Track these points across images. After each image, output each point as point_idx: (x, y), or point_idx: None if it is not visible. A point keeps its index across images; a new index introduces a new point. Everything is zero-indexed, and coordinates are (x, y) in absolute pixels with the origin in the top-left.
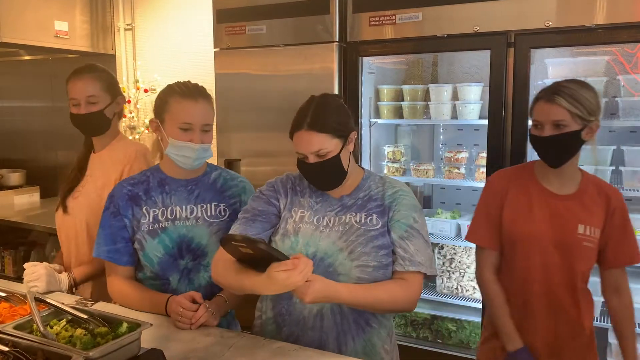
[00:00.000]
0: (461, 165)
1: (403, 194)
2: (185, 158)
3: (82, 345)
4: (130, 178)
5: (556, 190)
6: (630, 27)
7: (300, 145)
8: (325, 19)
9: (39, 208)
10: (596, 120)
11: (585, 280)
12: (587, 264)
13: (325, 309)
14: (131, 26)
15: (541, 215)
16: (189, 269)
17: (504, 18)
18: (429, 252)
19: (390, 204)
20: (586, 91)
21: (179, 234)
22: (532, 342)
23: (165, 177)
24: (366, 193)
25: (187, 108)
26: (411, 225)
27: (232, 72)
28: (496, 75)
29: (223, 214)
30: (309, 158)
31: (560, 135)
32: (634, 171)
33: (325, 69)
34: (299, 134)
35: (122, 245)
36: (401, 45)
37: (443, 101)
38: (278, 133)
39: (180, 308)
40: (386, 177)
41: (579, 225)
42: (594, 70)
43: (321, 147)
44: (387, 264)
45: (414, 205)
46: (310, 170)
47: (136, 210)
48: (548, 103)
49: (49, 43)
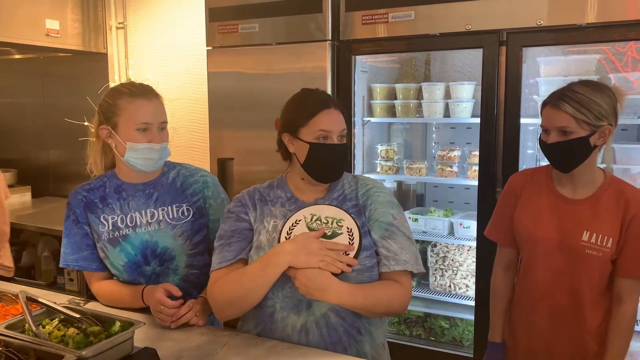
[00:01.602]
0: (454, 163)
1: (377, 190)
2: (148, 160)
3: (74, 344)
4: (86, 184)
5: (568, 194)
6: (621, 26)
7: (329, 123)
8: (318, 17)
9: (31, 208)
10: (609, 124)
11: (596, 289)
12: (593, 273)
13: (309, 323)
14: (123, 25)
15: (549, 219)
16: (157, 274)
17: (496, 17)
18: (412, 248)
19: (365, 202)
20: (597, 94)
21: (142, 241)
22: (532, 342)
23: (122, 183)
24: (340, 193)
25: (142, 107)
26: (390, 223)
27: (224, 70)
28: (488, 73)
29: (186, 214)
30: (333, 138)
31: (566, 141)
32: (625, 169)
33: (318, 67)
34: (328, 112)
35: (88, 253)
36: (394, 43)
37: (436, 100)
38: (271, 132)
39: (160, 306)
40: (359, 176)
41: (585, 232)
42: (585, 68)
43: (345, 128)
44: (372, 266)
45: (390, 202)
46: (331, 152)
47: (92, 218)
48: (553, 109)
49: (40, 42)
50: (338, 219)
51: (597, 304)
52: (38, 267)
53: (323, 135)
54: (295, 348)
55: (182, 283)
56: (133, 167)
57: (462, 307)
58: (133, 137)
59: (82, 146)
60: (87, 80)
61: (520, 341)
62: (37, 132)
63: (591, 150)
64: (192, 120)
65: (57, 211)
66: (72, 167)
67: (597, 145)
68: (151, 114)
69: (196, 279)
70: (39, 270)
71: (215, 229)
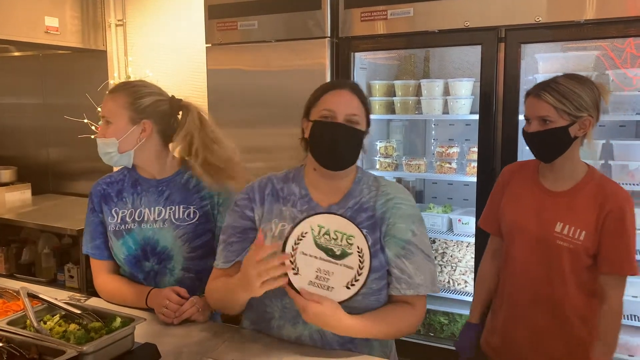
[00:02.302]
0: (452, 160)
1: (398, 202)
2: (101, 155)
3: (75, 340)
4: (108, 176)
5: (550, 187)
6: (620, 22)
7: (333, 102)
8: (317, 14)
9: (31, 205)
10: (589, 116)
11: (571, 282)
12: (564, 265)
13: (304, 337)
14: (122, 22)
15: (529, 210)
16: (155, 271)
17: (494, 13)
18: (430, 267)
19: (383, 215)
20: (578, 87)
21: (144, 237)
22: (515, 331)
23: (139, 177)
24: (357, 201)
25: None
26: (409, 241)
27: (224, 68)
28: (487, 70)
29: (192, 217)
30: (337, 118)
31: (546, 130)
32: (623, 165)
33: (317, 64)
34: (337, 92)
35: (100, 241)
36: (393, 40)
37: (435, 96)
38: (271, 129)
39: (166, 300)
40: (381, 180)
41: (558, 223)
42: (583, 65)
43: (356, 113)
44: (380, 289)
45: (411, 215)
46: (332, 130)
47: (105, 209)
48: (535, 98)
49: (39, 39)
50: (348, 234)
51: (575, 296)
52: (38, 264)
53: (327, 115)
54: (296, 345)
55: (176, 285)
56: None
57: (461, 303)
58: None
59: (82, 143)
60: (86, 78)
61: (502, 327)
62: (36, 130)
63: (571, 141)
64: None
65: (57, 208)
66: (72, 164)
67: (577, 137)
68: (103, 106)
69: (191, 283)
70: (39, 267)
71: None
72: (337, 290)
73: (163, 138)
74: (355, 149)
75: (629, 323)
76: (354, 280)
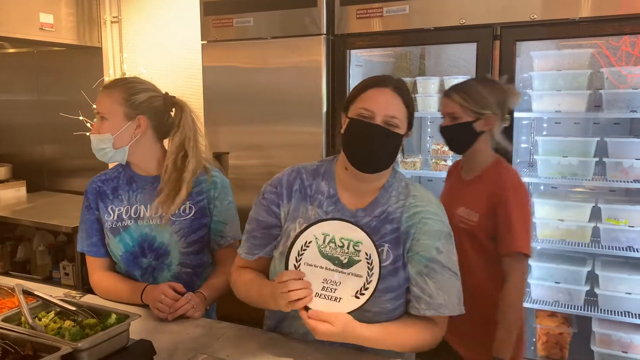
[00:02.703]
0: (448, 157)
1: (425, 216)
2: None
3: (70, 336)
4: (103, 173)
5: (464, 176)
6: (615, 20)
7: (372, 102)
8: (313, 11)
9: (26, 202)
10: (493, 114)
11: (475, 264)
12: (466, 246)
13: (310, 335)
14: (117, 19)
15: (449, 199)
16: (152, 267)
17: (490, 11)
18: (455, 286)
19: (409, 230)
20: (483, 88)
21: (141, 233)
22: None
23: (134, 174)
24: (383, 209)
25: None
26: (433, 258)
27: (219, 65)
28: (482, 67)
29: (187, 212)
30: (376, 119)
31: (454, 125)
32: (617, 162)
33: (313, 61)
34: (379, 90)
35: (97, 239)
36: (388, 38)
37: (430, 94)
38: (266, 126)
39: (162, 295)
40: (412, 188)
41: (460, 207)
42: (578, 63)
43: (396, 115)
44: (395, 308)
45: (438, 232)
46: (368, 131)
47: (101, 206)
48: (446, 98)
49: (34, 36)
50: (355, 241)
51: (483, 282)
52: (33, 262)
53: (364, 115)
54: (291, 341)
55: (174, 280)
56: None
57: None
58: None
59: (78, 140)
60: (81, 75)
61: None
62: (31, 127)
63: (477, 135)
64: None
65: (53, 206)
66: (67, 161)
67: (483, 131)
68: (98, 103)
69: (188, 277)
70: (34, 264)
71: (217, 230)
72: (346, 300)
73: (157, 134)
74: (391, 153)
75: (623, 319)
76: (363, 289)
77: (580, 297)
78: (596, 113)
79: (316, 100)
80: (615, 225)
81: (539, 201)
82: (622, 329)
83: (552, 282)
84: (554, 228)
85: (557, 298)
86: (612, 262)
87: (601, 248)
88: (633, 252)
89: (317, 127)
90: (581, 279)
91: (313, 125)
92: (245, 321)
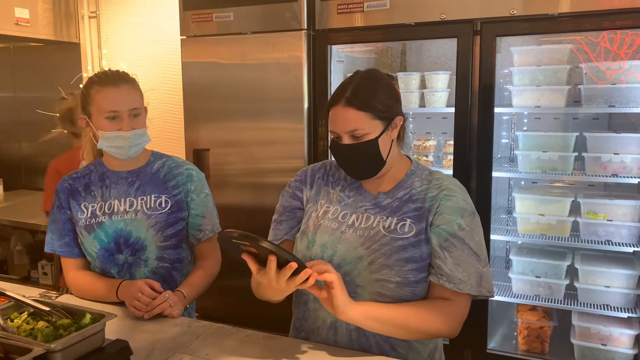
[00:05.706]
0: (429, 153)
1: (448, 193)
2: (119, 148)
3: (43, 337)
4: (74, 172)
5: None
6: (594, 16)
7: (335, 123)
8: (294, 6)
9: (3, 201)
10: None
11: None
12: None
13: (339, 322)
14: (96, 14)
15: None
16: (129, 263)
17: (470, 6)
18: (475, 266)
19: (431, 206)
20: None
21: (116, 229)
22: None
23: (107, 170)
24: (407, 192)
25: (109, 95)
26: (453, 233)
27: (199, 60)
28: (463, 63)
29: (164, 206)
30: (342, 138)
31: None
32: (596, 157)
33: (294, 57)
34: (335, 109)
35: (69, 239)
36: (369, 33)
37: (411, 89)
38: (247, 122)
39: (139, 293)
40: (435, 173)
41: None
42: (558, 58)
43: (357, 127)
44: (417, 281)
45: (461, 209)
46: (342, 152)
47: (73, 204)
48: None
49: (10, 31)
50: None
51: None
52: (11, 262)
53: (334, 136)
54: (271, 338)
55: (152, 275)
56: (111, 154)
57: None
58: (103, 125)
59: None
60: (59, 71)
61: None
62: (8, 124)
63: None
64: (167, 111)
65: (30, 204)
66: (45, 159)
67: None
68: (119, 101)
69: (166, 272)
70: (11, 264)
71: (195, 224)
72: None
73: None
74: (375, 158)
75: (602, 312)
76: None
77: (560, 290)
78: (575, 108)
79: (297, 96)
80: (594, 220)
81: (520, 196)
82: (601, 322)
83: (533, 277)
84: (534, 223)
85: (537, 292)
86: (591, 255)
87: (581, 242)
88: (611, 245)
89: (299, 123)
90: (561, 273)
91: (294, 122)
92: (225, 319)
